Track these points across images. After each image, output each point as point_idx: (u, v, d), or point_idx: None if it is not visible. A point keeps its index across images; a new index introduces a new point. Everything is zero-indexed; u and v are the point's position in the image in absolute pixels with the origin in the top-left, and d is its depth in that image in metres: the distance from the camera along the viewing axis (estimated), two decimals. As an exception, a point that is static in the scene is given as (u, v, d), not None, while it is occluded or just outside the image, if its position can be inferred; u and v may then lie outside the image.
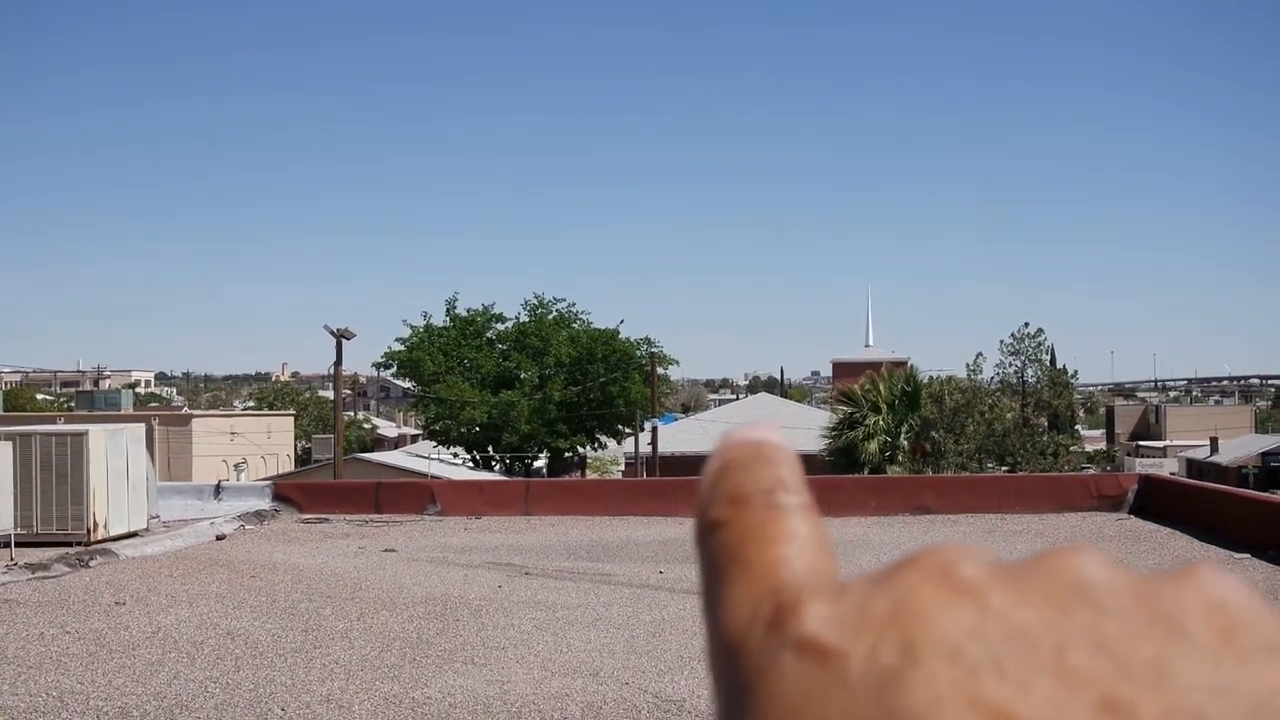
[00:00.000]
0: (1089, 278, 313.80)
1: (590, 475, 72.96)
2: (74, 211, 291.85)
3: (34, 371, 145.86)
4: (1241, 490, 22.43)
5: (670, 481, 26.23)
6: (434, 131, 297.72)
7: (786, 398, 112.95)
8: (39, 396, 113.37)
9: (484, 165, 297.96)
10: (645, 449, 61.94)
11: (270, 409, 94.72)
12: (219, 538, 18.35)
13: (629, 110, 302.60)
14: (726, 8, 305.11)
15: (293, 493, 22.26)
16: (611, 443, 71.95)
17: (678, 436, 68.96)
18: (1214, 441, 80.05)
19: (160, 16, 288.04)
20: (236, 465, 62.28)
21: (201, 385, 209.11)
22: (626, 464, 68.79)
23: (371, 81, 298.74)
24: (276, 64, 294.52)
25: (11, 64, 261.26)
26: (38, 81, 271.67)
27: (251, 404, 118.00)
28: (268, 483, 24.71)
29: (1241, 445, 78.87)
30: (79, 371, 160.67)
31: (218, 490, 22.63)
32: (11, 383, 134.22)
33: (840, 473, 40.80)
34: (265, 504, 21.54)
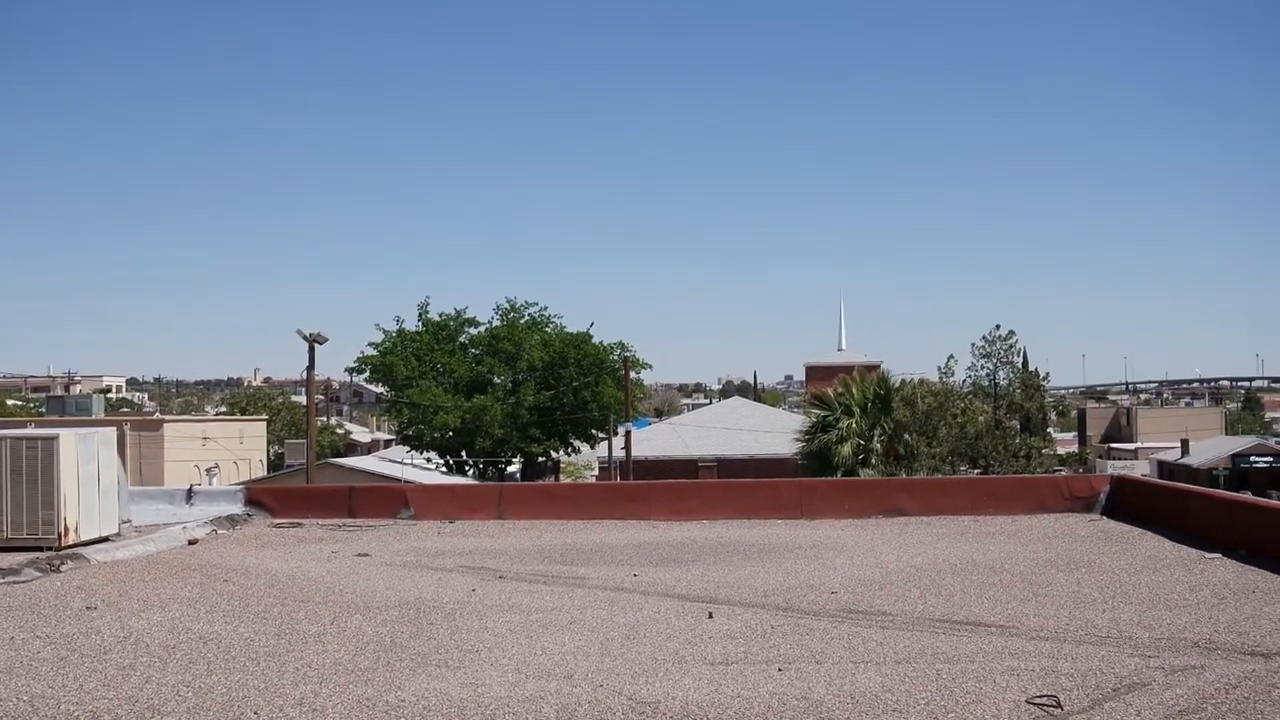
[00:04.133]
0: (1060, 281, 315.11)
1: (564, 479, 72.97)
2: (45, 217, 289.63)
3: (4, 377, 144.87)
4: (1212, 491, 22.56)
5: (644, 485, 26.26)
6: (409, 137, 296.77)
7: (760, 402, 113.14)
8: (9, 402, 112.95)
9: (458, 170, 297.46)
10: (619, 453, 61.98)
11: (242, 414, 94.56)
12: (191, 542, 18.27)
13: (603, 113, 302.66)
14: (713, 9, 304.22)
15: (265, 497, 22.19)
16: (585, 447, 71.89)
17: (651, 441, 69.07)
18: (1185, 443, 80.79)
19: (149, 22, 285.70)
20: (209, 470, 62.12)
21: (173, 390, 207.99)
22: (600, 468, 68.75)
23: (344, 86, 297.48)
24: (248, 70, 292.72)
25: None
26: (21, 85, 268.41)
27: (224, 409, 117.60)
28: (240, 487, 24.62)
29: (1212, 447, 79.62)
30: (49, 377, 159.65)
31: (190, 495, 22.54)
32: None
33: (814, 475, 40.93)
34: (238, 509, 21.47)
